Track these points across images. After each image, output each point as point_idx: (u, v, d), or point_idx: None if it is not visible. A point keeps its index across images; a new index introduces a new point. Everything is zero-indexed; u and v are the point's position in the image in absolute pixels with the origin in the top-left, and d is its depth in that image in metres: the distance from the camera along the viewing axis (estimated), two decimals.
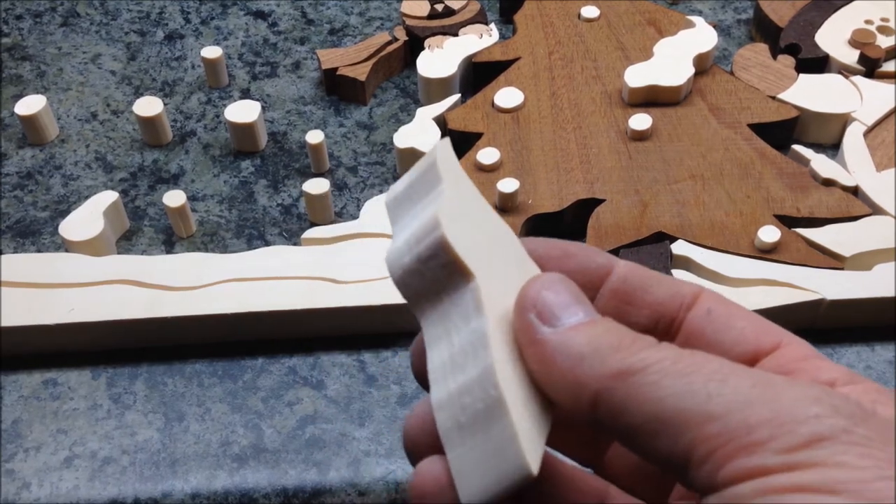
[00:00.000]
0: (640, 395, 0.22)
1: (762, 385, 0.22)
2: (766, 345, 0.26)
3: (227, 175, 0.59)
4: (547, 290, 0.24)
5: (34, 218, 0.57)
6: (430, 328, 0.26)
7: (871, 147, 0.57)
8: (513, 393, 0.23)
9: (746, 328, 0.26)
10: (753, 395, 0.22)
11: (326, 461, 0.46)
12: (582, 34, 0.65)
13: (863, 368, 0.49)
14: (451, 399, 0.24)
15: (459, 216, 0.25)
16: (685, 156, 0.57)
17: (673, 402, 0.22)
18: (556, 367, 0.23)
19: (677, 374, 0.22)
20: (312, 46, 0.68)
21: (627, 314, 0.27)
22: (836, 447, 0.21)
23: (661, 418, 0.22)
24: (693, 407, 0.22)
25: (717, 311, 0.26)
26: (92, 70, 0.67)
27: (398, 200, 0.27)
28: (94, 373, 0.49)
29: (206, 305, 0.49)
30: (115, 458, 0.46)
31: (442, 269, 0.25)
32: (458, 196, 0.25)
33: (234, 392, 0.49)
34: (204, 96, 0.65)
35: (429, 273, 0.25)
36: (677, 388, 0.22)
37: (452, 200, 0.25)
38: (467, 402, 0.24)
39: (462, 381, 0.24)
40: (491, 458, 0.23)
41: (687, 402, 0.22)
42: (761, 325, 0.26)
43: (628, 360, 0.23)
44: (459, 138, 0.59)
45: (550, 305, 0.24)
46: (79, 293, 0.50)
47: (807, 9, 0.66)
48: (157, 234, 0.56)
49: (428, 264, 0.25)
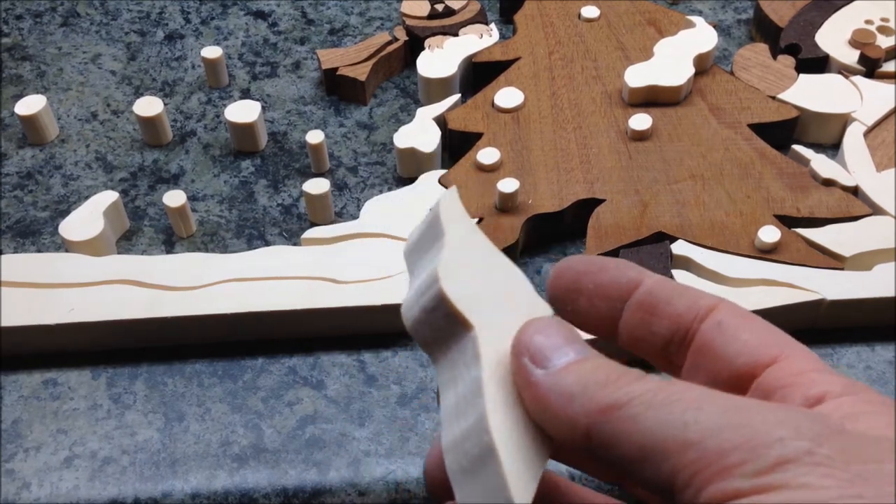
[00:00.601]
0: (626, 428, 0.23)
1: (735, 410, 0.23)
2: (766, 358, 0.26)
3: (227, 175, 0.59)
4: (539, 333, 0.26)
5: (34, 218, 0.57)
6: (442, 373, 0.27)
7: (871, 147, 0.57)
8: (505, 437, 0.25)
9: (750, 340, 0.26)
10: (726, 421, 0.23)
11: (326, 461, 0.46)
12: (582, 34, 0.65)
13: (863, 369, 0.49)
14: (456, 443, 0.26)
15: (462, 267, 0.26)
16: (685, 156, 0.57)
17: (655, 432, 0.23)
18: (550, 406, 0.25)
19: (658, 405, 0.23)
20: (312, 46, 0.68)
21: (650, 324, 0.28)
22: (799, 469, 0.22)
23: (645, 448, 0.23)
24: (673, 436, 0.23)
25: (726, 322, 0.27)
26: (92, 70, 0.67)
27: (412, 250, 0.28)
28: (94, 373, 0.49)
29: (207, 305, 0.49)
30: (115, 458, 0.46)
31: (445, 320, 0.26)
32: (463, 246, 0.27)
33: (234, 392, 0.49)
34: (204, 96, 0.65)
35: (435, 323, 0.27)
36: (658, 418, 0.23)
37: (454, 252, 0.26)
38: (467, 447, 0.25)
39: (464, 426, 0.25)
40: (488, 498, 0.25)
41: (667, 432, 0.23)
42: (766, 338, 0.27)
43: (614, 394, 0.24)
44: (459, 138, 0.59)
45: (542, 348, 0.25)
46: (79, 293, 0.50)
47: (807, 9, 0.66)
48: (158, 234, 0.56)
49: (433, 315, 0.27)
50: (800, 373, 0.26)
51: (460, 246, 0.27)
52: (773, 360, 0.26)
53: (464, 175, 0.56)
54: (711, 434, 0.23)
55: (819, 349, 0.50)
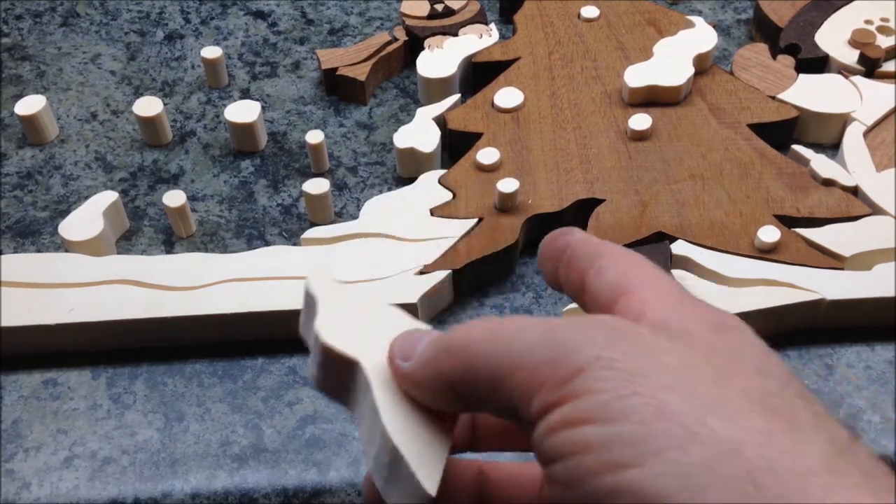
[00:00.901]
0: (473, 364, 0.27)
1: (549, 330, 0.26)
2: (620, 292, 0.29)
3: (226, 175, 0.59)
4: (400, 339, 0.30)
5: (34, 218, 0.57)
6: (354, 413, 0.31)
7: (870, 147, 0.57)
8: (406, 438, 0.28)
9: (611, 278, 0.29)
10: (540, 341, 0.26)
11: (326, 461, 0.46)
12: (582, 34, 0.65)
13: (863, 368, 0.49)
14: (375, 462, 0.30)
15: (337, 321, 0.31)
16: (685, 156, 0.57)
17: (492, 361, 0.26)
18: (421, 382, 0.28)
19: (491, 338, 0.27)
20: (312, 46, 0.68)
21: (568, 277, 0.31)
22: (590, 374, 0.24)
23: (492, 378, 0.26)
24: (506, 361, 0.26)
25: (604, 266, 0.30)
26: (92, 70, 0.67)
27: (302, 329, 0.33)
28: (94, 373, 0.49)
29: (206, 305, 0.49)
30: (115, 458, 0.46)
31: (336, 367, 0.30)
32: (335, 307, 0.31)
33: (234, 392, 0.49)
34: (204, 96, 0.65)
35: (331, 373, 0.31)
36: (492, 348, 0.27)
37: (328, 313, 0.31)
38: (382, 460, 0.29)
39: (377, 444, 0.29)
40: (406, 495, 0.29)
41: (501, 359, 0.26)
42: (626, 274, 0.29)
43: (458, 341, 0.28)
44: (459, 138, 0.59)
45: (403, 347, 0.29)
46: (79, 293, 0.50)
47: (807, 9, 0.66)
48: (157, 234, 0.56)
49: (327, 367, 0.31)
50: (641, 301, 0.28)
51: (333, 308, 0.31)
52: (623, 293, 0.29)
53: (463, 175, 0.56)
54: (530, 354, 0.26)
55: (819, 349, 0.50)
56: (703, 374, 0.24)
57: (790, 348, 0.50)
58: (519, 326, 0.27)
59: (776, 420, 0.23)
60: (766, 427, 0.23)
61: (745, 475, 0.22)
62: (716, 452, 0.22)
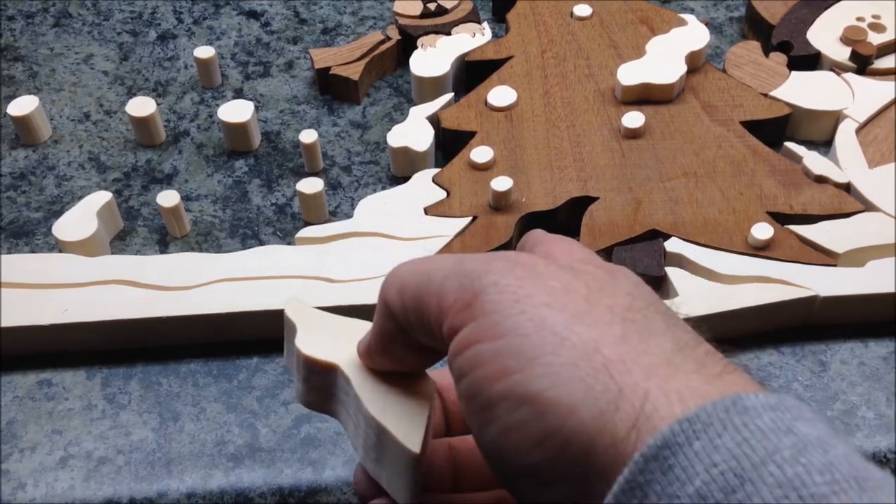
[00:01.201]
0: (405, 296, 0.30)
1: (460, 262, 0.30)
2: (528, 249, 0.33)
3: (220, 175, 0.59)
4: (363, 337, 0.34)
5: (27, 219, 0.57)
6: (341, 418, 0.35)
7: (862, 144, 0.57)
8: (386, 414, 0.32)
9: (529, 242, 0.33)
10: (452, 271, 0.29)
11: (322, 460, 0.46)
12: (574, 32, 0.65)
13: (856, 365, 0.49)
14: (365, 450, 0.33)
15: (315, 336, 0.35)
16: (678, 153, 0.57)
17: (415, 290, 0.30)
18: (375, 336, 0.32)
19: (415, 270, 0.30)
20: (305, 46, 0.68)
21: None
22: (486, 299, 0.28)
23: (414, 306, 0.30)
24: (425, 290, 0.29)
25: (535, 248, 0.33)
26: (84, 70, 0.67)
27: (287, 357, 0.36)
28: (88, 373, 0.49)
29: (201, 305, 0.49)
30: (110, 458, 0.46)
31: (318, 377, 0.34)
32: (312, 327, 0.35)
33: (229, 391, 0.49)
34: (197, 96, 0.65)
35: (314, 385, 0.35)
36: (415, 280, 0.30)
37: (306, 332, 0.35)
38: (370, 443, 0.32)
39: (363, 433, 0.33)
40: (396, 466, 0.32)
41: (422, 288, 0.30)
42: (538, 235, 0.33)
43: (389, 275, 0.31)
44: (453, 137, 0.59)
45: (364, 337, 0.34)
46: (73, 293, 0.50)
47: (798, 6, 0.66)
48: (151, 235, 0.56)
49: (311, 380, 0.35)
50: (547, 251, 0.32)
51: (309, 328, 0.35)
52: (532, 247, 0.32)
53: (457, 174, 0.56)
54: (442, 283, 0.29)
55: (812, 345, 0.50)
56: (579, 295, 0.28)
57: (784, 345, 0.50)
58: (437, 260, 0.31)
59: (632, 327, 0.27)
60: (622, 332, 0.27)
61: (603, 368, 0.26)
62: (580, 352, 0.26)
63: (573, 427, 0.25)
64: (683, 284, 0.49)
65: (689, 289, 0.49)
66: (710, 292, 0.49)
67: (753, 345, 0.50)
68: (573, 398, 0.26)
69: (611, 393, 0.25)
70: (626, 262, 0.50)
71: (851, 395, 0.48)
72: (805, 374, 0.49)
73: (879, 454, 0.45)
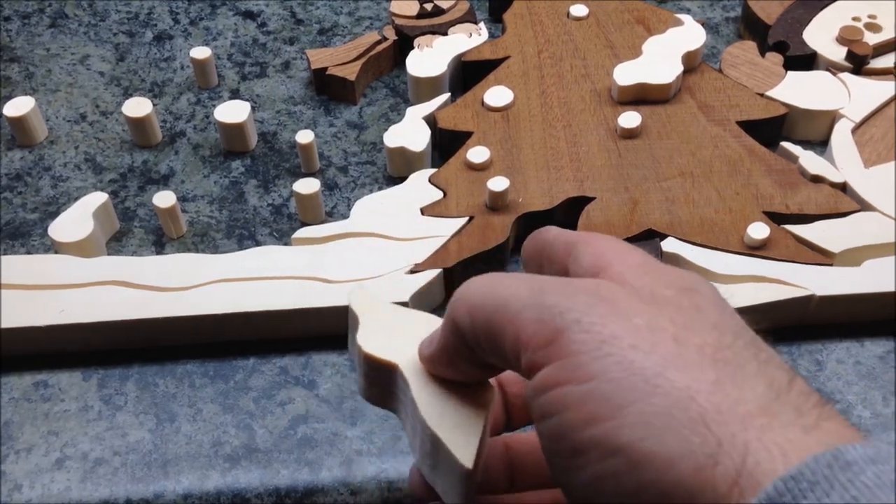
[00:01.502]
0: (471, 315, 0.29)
1: (538, 292, 0.28)
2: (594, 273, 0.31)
3: (217, 175, 0.59)
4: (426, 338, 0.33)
5: (23, 220, 0.57)
6: (401, 416, 0.35)
7: (858, 144, 0.57)
8: (441, 423, 0.31)
9: (586, 262, 0.31)
10: (530, 301, 0.28)
11: (318, 460, 0.46)
12: (571, 33, 0.65)
13: (852, 364, 0.49)
14: (420, 453, 0.33)
15: (377, 333, 0.34)
16: (675, 153, 0.57)
17: (490, 314, 0.29)
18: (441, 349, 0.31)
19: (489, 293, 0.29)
20: (302, 46, 0.68)
21: (552, 270, 0.33)
22: (569, 338, 0.27)
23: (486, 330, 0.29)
24: (501, 316, 0.28)
25: (580, 252, 0.32)
26: (81, 71, 0.67)
27: (350, 346, 0.35)
28: (84, 374, 0.49)
29: (197, 306, 0.49)
30: (106, 459, 0.46)
31: (378, 374, 0.34)
32: (375, 320, 0.34)
33: (225, 392, 0.48)
34: (193, 97, 0.65)
35: (375, 381, 0.34)
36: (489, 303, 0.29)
37: (368, 326, 0.34)
38: (426, 449, 0.32)
39: (420, 437, 0.32)
40: (450, 475, 0.31)
41: (498, 314, 0.28)
42: (597, 256, 0.31)
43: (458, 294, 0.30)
44: (449, 137, 0.59)
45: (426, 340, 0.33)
46: (69, 294, 0.50)
47: (794, 6, 0.66)
48: (148, 235, 0.56)
49: (371, 376, 0.34)
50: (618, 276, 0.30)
51: (371, 321, 0.34)
52: (601, 270, 0.30)
53: (454, 174, 0.56)
54: (519, 313, 0.28)
55: (808, 345, 0.50)
56: (666, 334, 0.27)
57: (780, 344, 0.50)
58: (512, 284, 0.29)
59: (724, 371, 0.26)
60: (716, 377, 0.26)
61: (699, 418, 0.25)
62: (674, 400, 0.25)
63: (671, 481, 0.24)
64: None
65: None
66: None
67: None
68: (670, 451, 0.24)
69: (709, 446, 0.24)
70: None
71: (848, 394, 0.48)
72: (801, 374, 0.49)
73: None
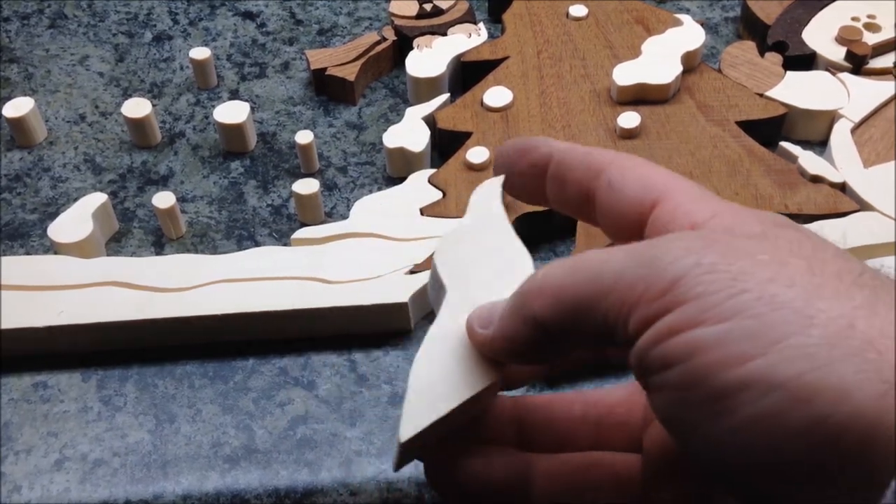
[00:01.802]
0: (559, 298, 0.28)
1: (633, 252, 0.27)
2: (649, 204, 0.30)
3: (216, 176, 0.59)
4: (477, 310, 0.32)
5: (23, 220, 0.57)
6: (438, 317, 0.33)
7: (858, 144, 0.57)
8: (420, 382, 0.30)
9: (633, 193, 0.30)
10: (628, 262, 0.27)
11: (318, 461, 0.46)
12: (570, 33, 0.65)
13: None
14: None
15: (464, 243, 0.32)
16: (674, 153, 0.57)
17: (579, 291, 0.28)
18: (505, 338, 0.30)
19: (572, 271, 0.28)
20: (301, 47, 0.68)
21: (564, 192, 0.32)
22: (690, 282, 0.25)
23: (578, 307, 0.28)
24: (592, 289, 0.27)
25: (614, 180, 0.31)
26: (80, 72, 0.67)
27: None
28: (84, 375, 0.49)
29: (197, 307, 0.49)
30: (105, 460, 0.46)
31: (437, 282, 0.33)
32: (476, 228, 0.32)
33: (224, 393, 0.48)
34: (193, 97, 0.65)
35: (433, 284, 0.33)
36: (578, 279, 0.28)
37: (463, 231, 0.32)
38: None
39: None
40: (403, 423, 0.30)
41: (587, 287, 0.27)
42: (647, 185, 0.30)
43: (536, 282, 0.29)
44: (449, 137, 0.59)
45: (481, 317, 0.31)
46: (68, 295, 0.50)
47: (794, 6, 0.66)
48: (147, 236, 0.56)
49: (433, 277, 0.33)
50: (675, 208, 0.29)
51: (474, 228, 0.32)
52: (653, 204, 0.30)
53: (453, 174, 0.56)
54: (618, 277, 0.27)
55: None
56: (797, 266, 0.25)
57: None
58: (598, 257, 0.28)
59: (870, 295, 0.25)
60: (865, 301, 0.24)
61: (867, 345, 0.23)
62: (833, 330, 0.24)
63: (848, 413, 0.23)
64: None
65: None
66: None
67: None
68: (843, 381, 0.23)
69: (885, 371, 0.23)
70: None
71: None
72: None
73: None
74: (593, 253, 0.28)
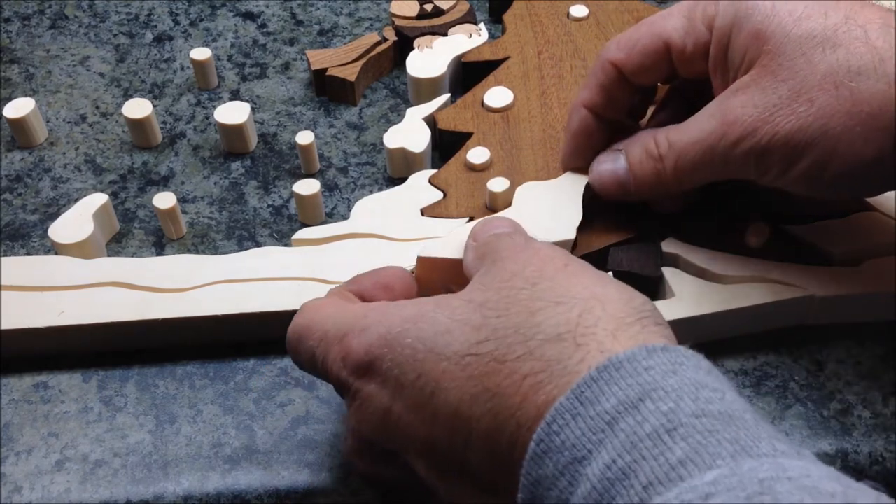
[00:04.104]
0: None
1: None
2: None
3: (217, 176, 0.59)
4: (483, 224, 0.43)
5: (23, 221, 0.57)
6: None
7: None
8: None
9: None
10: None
11: (319, 462, 0.46)
12: (571, 33, 0.65)
13: (852, 364, 0.49)
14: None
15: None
16: None
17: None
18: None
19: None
20: (302, 47, 0.68)
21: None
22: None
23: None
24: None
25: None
26: (81, 72, 0.67)
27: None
28: (84, 375, 0.49)
29: (197, 307, 0.49)
30: (106, 460, 0.46)
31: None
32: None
33: (225, 393, 0.48)
34: (193, 98, 0.65)
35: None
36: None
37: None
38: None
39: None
40: None
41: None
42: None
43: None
44: (449, 138, 0.59)
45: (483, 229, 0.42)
46: (69, 296, 0.50)
47: None
48: (148, 237, 0.56)
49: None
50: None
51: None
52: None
53: (454, 175, 0.56)
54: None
55: (809, 345, 0.50)
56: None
57: (780, 345, 0.50)
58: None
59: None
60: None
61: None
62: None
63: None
64: (680, 285, 0.49)
65: (685, 289, 0.49)
66: (707, 293, 0.49)
67: (750, 345, 0.50)
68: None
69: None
70: (623, 263, 0.50)
71: (848, 394, 0.48)
72: (801, 374, 0.49)
73: (876, 453, 0.46)
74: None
